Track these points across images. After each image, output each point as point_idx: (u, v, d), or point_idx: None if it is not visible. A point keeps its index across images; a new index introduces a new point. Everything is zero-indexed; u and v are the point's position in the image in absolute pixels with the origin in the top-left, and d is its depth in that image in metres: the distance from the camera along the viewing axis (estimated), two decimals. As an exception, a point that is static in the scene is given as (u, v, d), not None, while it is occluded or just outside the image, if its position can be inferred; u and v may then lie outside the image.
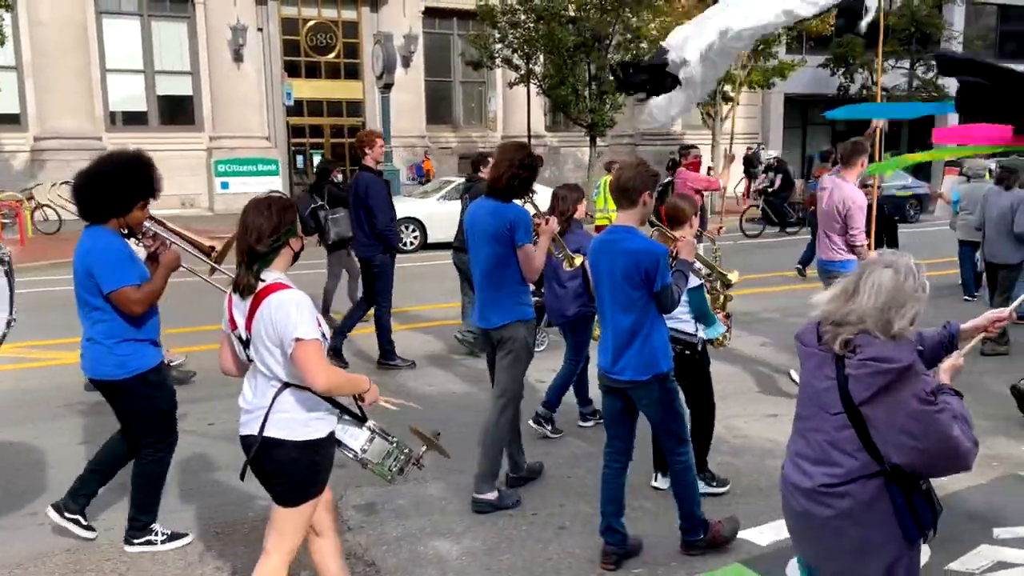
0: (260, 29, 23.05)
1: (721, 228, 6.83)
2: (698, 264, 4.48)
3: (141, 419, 4.01)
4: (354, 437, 3.03)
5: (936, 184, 21.90)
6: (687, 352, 4.50)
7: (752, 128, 28.69)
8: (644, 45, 21.52)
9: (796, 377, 6.50)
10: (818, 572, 2.54)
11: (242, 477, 3.00)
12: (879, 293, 2.31)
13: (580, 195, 5.86)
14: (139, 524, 4.11)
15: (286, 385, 2.88)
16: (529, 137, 23.38)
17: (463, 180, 10.66)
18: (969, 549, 3.99)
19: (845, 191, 6.41)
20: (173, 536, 4.16)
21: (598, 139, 21.99)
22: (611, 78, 21.11)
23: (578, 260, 5.10)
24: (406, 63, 23.64)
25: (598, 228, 8.92)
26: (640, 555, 4.00)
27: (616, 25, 20.71)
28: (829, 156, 11.55)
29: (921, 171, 23.27)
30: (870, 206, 6.81)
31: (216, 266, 4.31)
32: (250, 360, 2.96)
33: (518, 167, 4.33)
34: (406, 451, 3.12)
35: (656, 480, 4.83)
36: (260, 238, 2.84)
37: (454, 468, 4.77)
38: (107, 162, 3.90)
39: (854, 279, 2.40)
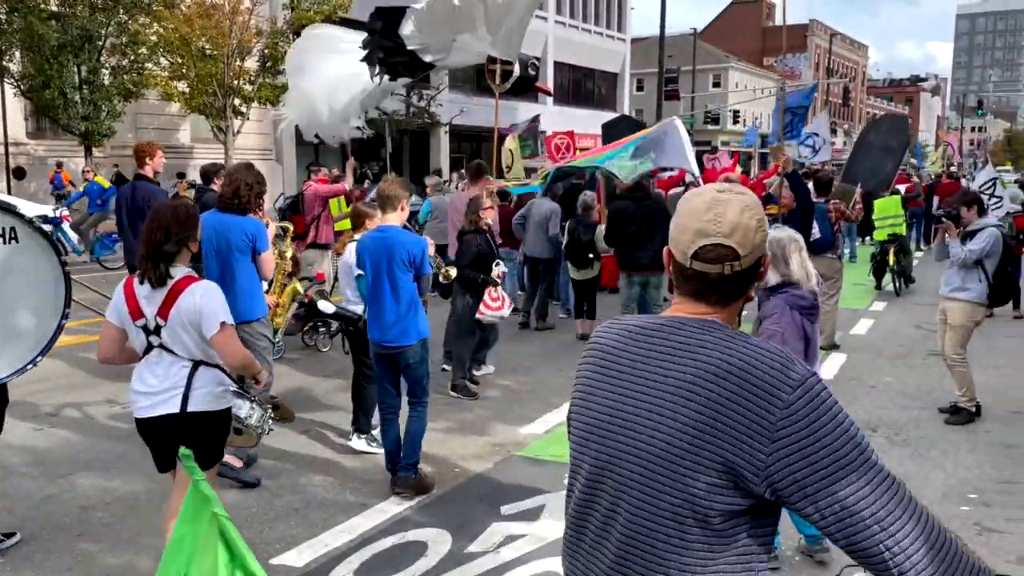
0: None
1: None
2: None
3: None
4: (239, 407, 3.53)
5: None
6: (351, 328, 5.61)
7: (265, 144, 28.61)
8: (144, 51, 20.09)
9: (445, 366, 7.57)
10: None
11: (176, 455, 3.24)
12: (800, 261, 3.74)
13: None
14: None
15: (197, 364, 3.31)
16: (6, 144, 20.12)
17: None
18: (483, 529, 4.43)
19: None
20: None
21: (95, 149, 19.89)
22: (105, 83, 19.32)
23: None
24: None
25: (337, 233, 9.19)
26: None
27: (110, 26, 18.96)
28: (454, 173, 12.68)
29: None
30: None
31: None
32: (152, 347, 3.29)
33: (253, 186, 4.94)
34: (271, 416, 3.78)
35: (352, 440, 5.66)
36: (167, 239, 3.24)
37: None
38: None
39: (779, 252, 3.69)
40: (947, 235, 6.32)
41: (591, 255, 9.10)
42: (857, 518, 1.32)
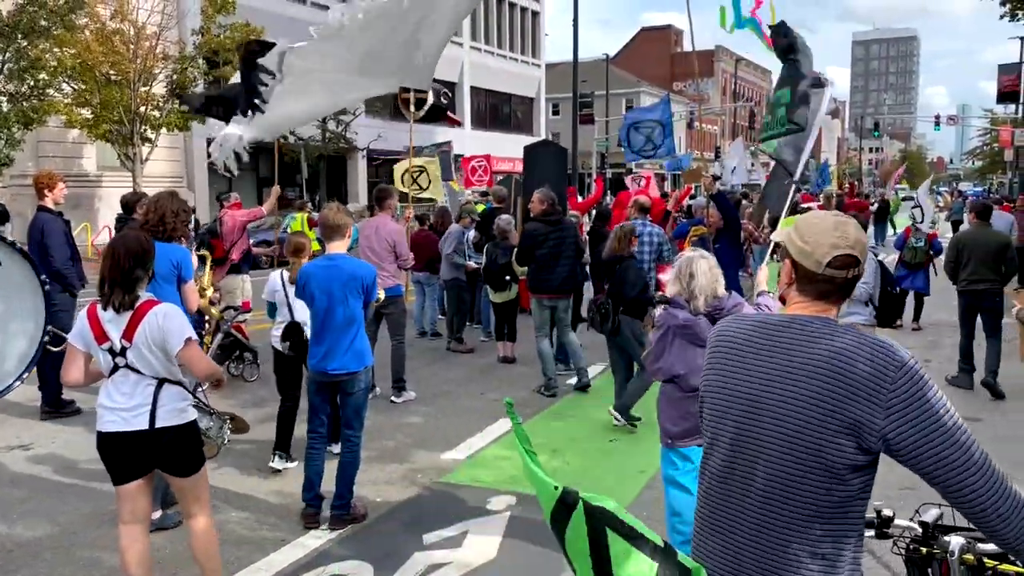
0: None
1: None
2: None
3: None
4: (200, 420, 3.85)
5: None
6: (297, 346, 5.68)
7: (176, 171, 27.86)
8: (43, 76, 19.38)
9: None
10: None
11: (139, 468, 3.56)
12: (709, 275, 3.85)
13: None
14: None
15: (161, 382, 3.51)
16: None
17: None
18: (405, 560, 4.38)
19: (390, 226, 7.54)
20: None
21: (-8, 179, 19.02)
22: (3, 109, 18.52)
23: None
24: None
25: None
26: None
27: (8, 52, 18.23)
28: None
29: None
30: None
31: None
32: (118, 367, 3.48)
33: (179, 212, 4.88)
34: (228, 427, 4.21)
35: (273, 461, 5.73)
36: (134, 267, 3.46)
37: None
38: None
39: (686, 266, 3.84)
40: None
41: (508, 277, 9.16)
42: (952, 468, 1.73)
